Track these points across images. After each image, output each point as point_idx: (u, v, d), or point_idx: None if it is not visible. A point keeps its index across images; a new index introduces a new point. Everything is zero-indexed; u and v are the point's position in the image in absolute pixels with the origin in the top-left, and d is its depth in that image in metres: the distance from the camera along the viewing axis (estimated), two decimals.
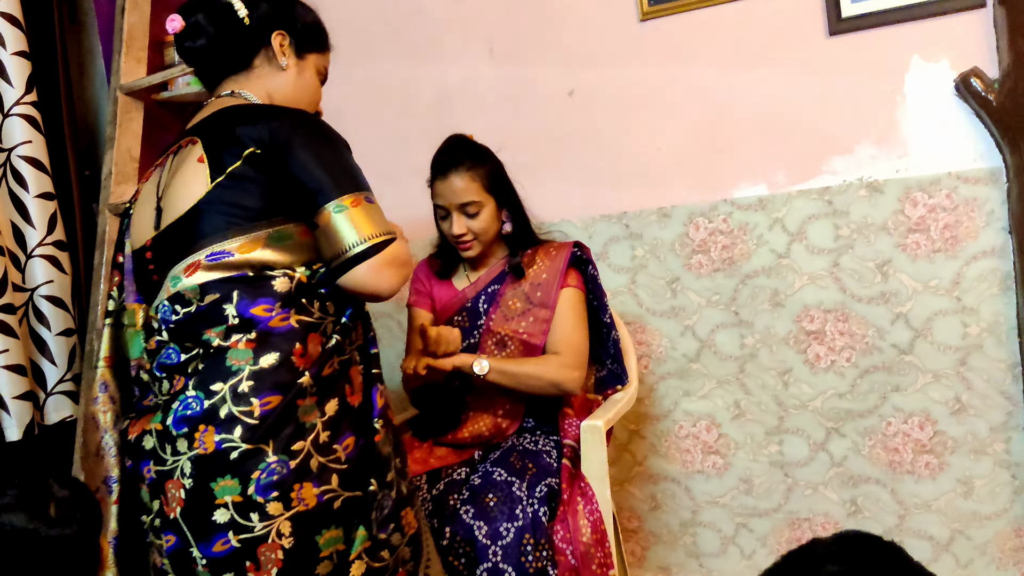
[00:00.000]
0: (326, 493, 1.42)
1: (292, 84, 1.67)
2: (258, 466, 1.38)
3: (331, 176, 1.46)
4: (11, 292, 2.23)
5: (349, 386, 1.51)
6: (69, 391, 2.40)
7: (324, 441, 1.44)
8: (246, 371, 1.40)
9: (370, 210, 1.45)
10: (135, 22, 2.58)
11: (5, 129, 2.30)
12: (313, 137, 1.48)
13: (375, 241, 1.43)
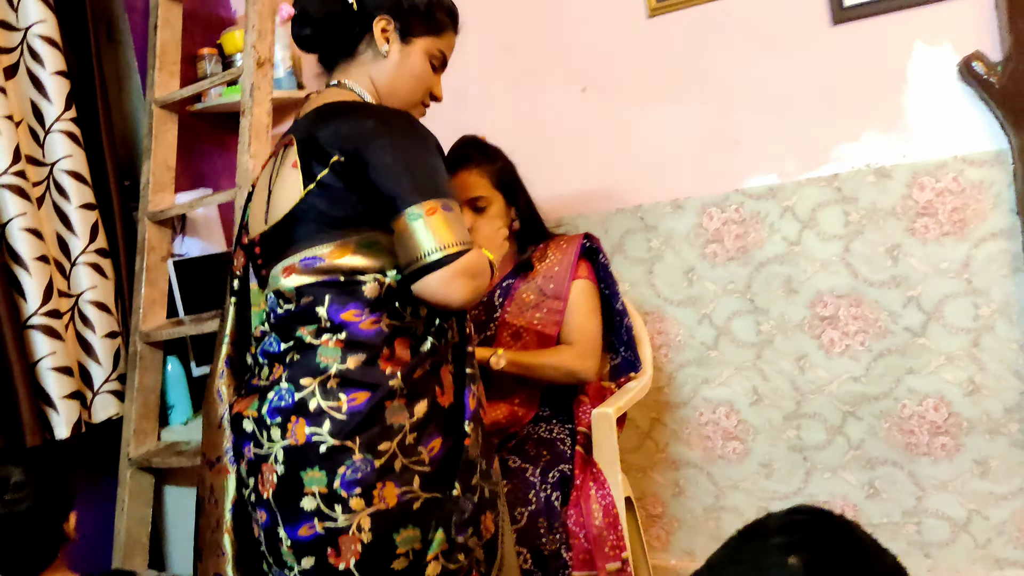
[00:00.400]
0: (407, 494, 1.44)
1: (392, 72, 1.61)
2: (344, 462, 1.42)
3: (409, 181, 1.43)
4: (57, 298, 2.37)
5: (439, 387, 1.52)
6: (115, 390, 2.54)
7: (410, 443, 1.46)
8: (333, 369, 1.45)
9: (447, 218, 1.41)
10: (167, 38, 2.70)
11: (47, 145, 2.44)
12: (392, 140, 1.45)
13: (449, 251, 1.40)
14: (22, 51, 2.41)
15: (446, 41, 1.68)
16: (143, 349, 2.54)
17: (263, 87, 2.43)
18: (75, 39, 2.55)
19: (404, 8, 1.60)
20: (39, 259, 2.32)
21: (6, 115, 2.28)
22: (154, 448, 2.57)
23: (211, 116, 3.00)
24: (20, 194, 2.29)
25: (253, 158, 2.38)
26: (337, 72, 1.64)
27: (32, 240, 2.30)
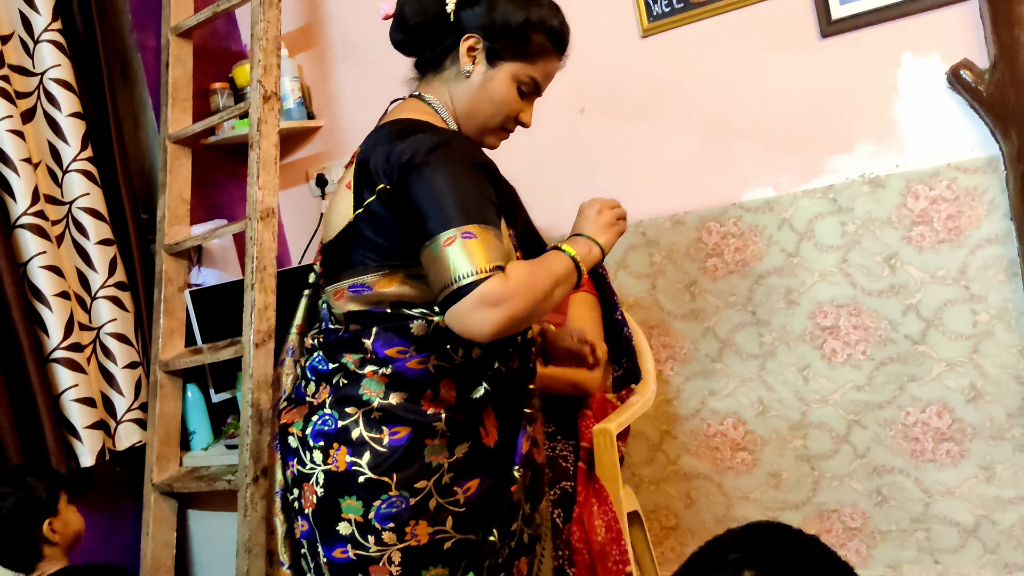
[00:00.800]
0: (439, 533, 1.45)
1: (471, 94, 1.54)
2: (380, 496, 1.43)
3: (445, 206, 1.36)
4: (78, 331, 2.46)
5: (484, 429, 1.51)
6: (137, 419, 2.62)
7: (446, 482, 1.46)
8: (376, 402, 1.45)
9: (468, 246, 1.32)
10: (179, 75, 2.80)
11: (65, 184, 2.54)
12: (435, 168, 1.38)
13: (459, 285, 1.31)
14: (39, 95, 2.50)
15: (541, 68, 1.56)
16: (163, 378, 2.63)
17: (270, 120, 2.50)
18: (90, 80, 2.65)
19: (497, 28, 1.50)
20: (59, 295, 2.40)
21: (24, 158, 2.38)
22: (176, 473, 2.65)
23: (225, 148, 3.09)
24: (40, 233, 2.39)
25: (262, 189, 2.46)
26: (423, 83, 1.61)
27: (52, 277, 2.40)
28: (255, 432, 2.34)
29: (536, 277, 1.37)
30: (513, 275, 1.34)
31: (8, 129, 2.35)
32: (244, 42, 3.24)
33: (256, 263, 2.41)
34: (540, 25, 1.52)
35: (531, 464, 1.55)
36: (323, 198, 3.17)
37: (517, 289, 1.33)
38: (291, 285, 2.95)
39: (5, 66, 2.39)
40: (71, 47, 2.57)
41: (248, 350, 2.37)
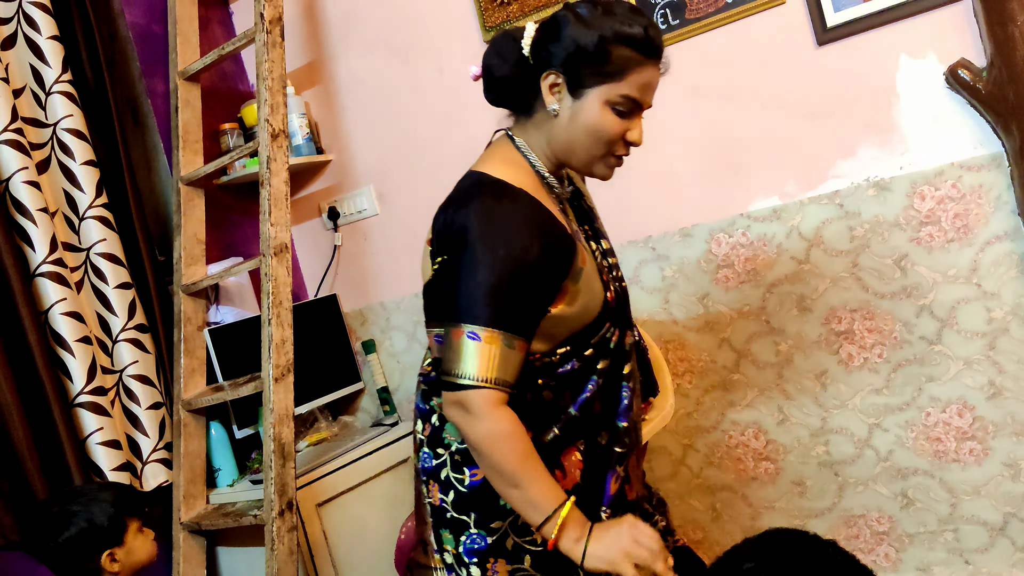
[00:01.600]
0: (518, 571, 1.50)
1: (565, 132, 1.50)
2: (464, 532, 1.53)
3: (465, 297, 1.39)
4: (101, 375, 2.50)
5: (560, 471, 1.52)
6: (163, 459, 2.65)
7: (522, 523, 1.49)
8: (454, 447, 1.54)
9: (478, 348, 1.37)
10: (188, 118, 2.85)
11: (82, 231, 2.58)
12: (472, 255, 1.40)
13: (451, 380, 1.40)
14: (52, 145, 2.56)
15: (632, 81, 1.46)
16: (186, 417, 2.66)
17: (279, 158, 2.55)
18: (101, 128, 2.71)
19: (572, 57, 1.44)
20: (81, 340, 2.45)
21: (41, 207, 2.43)
22: (203, 511, 2.67)
23: (237, 187, 3.14)
24: (59, 281, 2.43)
25: (274, 226, 2.50)
26: (517, 126, 1.59)
27: (74, 323, 2.44)
28: (278, 466, 2.36)
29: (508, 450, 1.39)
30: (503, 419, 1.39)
31: (24, 180, 2.40)
32: (251, 82, 3.29)
33: (272, 298, 2.45)
34: (617, 38, 1.43)
35: (621, 504, 1.55)
36: (335, 231, 3.21)
37: (488, 426, 1.38)
38: (308, 318, 3.00)
39: (19, 119, 2.45)
40: (82, 97, 2.63)
41: (268, 385, 2.40)
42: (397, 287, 3.14)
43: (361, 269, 3.21)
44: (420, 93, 2.94)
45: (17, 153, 2.41)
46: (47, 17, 2.55)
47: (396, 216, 3.09)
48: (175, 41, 2.86)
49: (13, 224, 2.40)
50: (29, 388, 2.36)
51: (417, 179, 3.01)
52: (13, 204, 2.40)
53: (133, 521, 1.94)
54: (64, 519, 1.86)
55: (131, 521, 1.94)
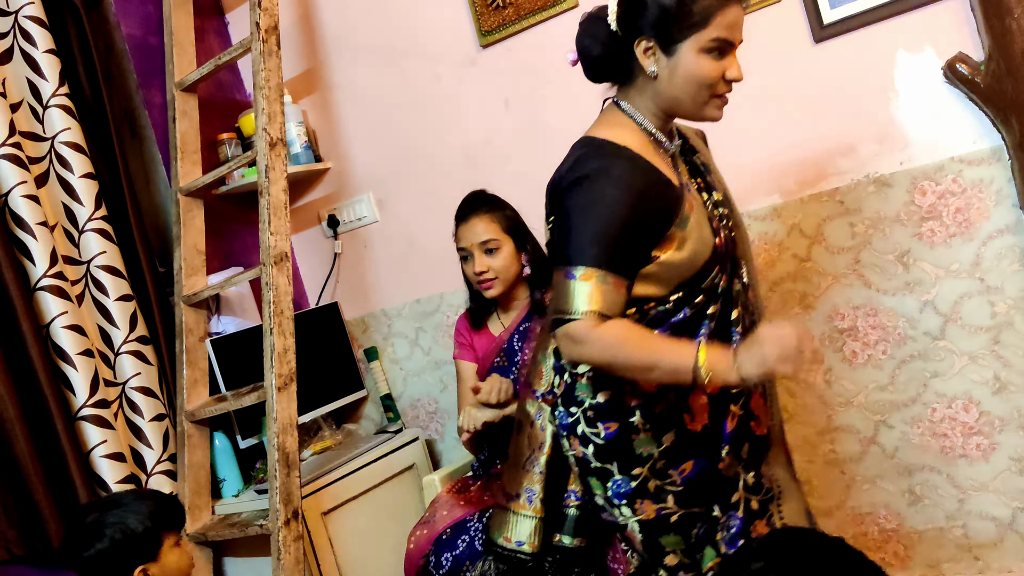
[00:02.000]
0: (663, 510, 1.61)
1: (667, 89, 1.60)
2: (609, 479, 1.64)
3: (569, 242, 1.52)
4: (104, 388, 2.50)
5: (689, 414, 1.62)
6: (167, 470, 2.65)
7: (660, 467, 1.61)
8: (586, 403, 1.63)
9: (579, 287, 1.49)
10: (186, 129, 2.85)
11: (82, 244, 2.58)
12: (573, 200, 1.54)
13: (560, 315, 1.51)
14: (51, 159, 2.56)
15: (718, 24, 1.55)
16: (190, 428, 2.65)
17: (277, 167, 2.54)
18: (99, 140, 2.71)
19: (657, 19, 1.54)
20: (83, 353, 2.45)
21: (40, 221, 2.43)
22: (209, 522, 2.66)
23: (236, 197, 3.14)
24: (60, 294, 2.43)
25: (274, 235, 2.50)
26: (621, 93, 1.69)
27: (75, 337, 2.44)
28: (283, 475, 2.36)
29: (628, 347, 1.50)
30: (607, 330, 1.48)
31: (23, 195, 2.40)
32: (248, 91, 3.29)
33: (273, 308, 2.44)
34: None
35: (746, 438, 1.64)
36: (335, 239, 3.20)
37: (598, 342, 1.48)
38: (309, 327, 2.99)
39: (17, 133, 2.45)
40: (79, 110, 2.63)
41: (271, 394, 2.39)
42: (398, 294, 3.14)
43: (362, 277, 3.21)
44: (418, 99, 2.94)
45: (15, 167, 2.41)
46: (43, 31, 2.55)
47: (396, 223, 3.09)
48: (171, 52, 2.86)
49: (13, 238, 2.40)
50: (32, 402, 2.36)
51: (417, 185, 3.01)
52: (12, 218, 2.40)
53: (170, 536, 1.89)
54: (98, 529, 1.82)
55: (167, 536, 1.88)
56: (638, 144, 1.60)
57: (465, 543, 2.12)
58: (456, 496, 2.31)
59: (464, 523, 2.17)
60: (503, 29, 2.71)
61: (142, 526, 1.83)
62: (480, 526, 2.13)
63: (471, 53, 2.80)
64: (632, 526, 1.64)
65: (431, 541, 2.19)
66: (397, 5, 2.92)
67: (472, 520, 2.16)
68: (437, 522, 2.22)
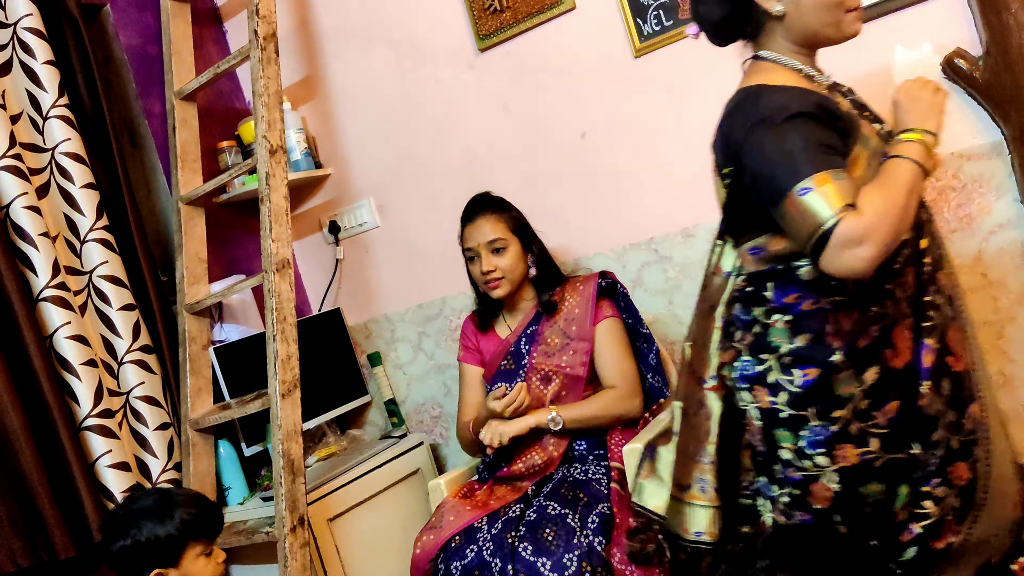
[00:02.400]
0: (867, 454, 1.54)
1: (799, 22, 1.61)
2: (804, 427, 1.57)
3: (777, 170, 1.48)
4: (108, 398, 2.50)
5: (891, 350, 1.56)
6: (173, 479, 2.65)
7: (863, 408, 1.55)
8: (784, 348, 1.58)
9: (815, 196, 1.43)
10: (186, 138, 2.85)
11: (84, 255, 2.58)
12: (756, 138, 1.51)
13: (819, 233, 1.43)
14: (51, 170, 2.56)
15: None
16: (194, 436, 2.65)
17: (277, 174, 2.55)
18: (100, 151, 2.71)
19: None
20: (87, 363, 2.45)
21: (42, 232, 2.43)
22: None
23: (237, 204, 3.14)
24: (63, 305, 2.43)
25: (275, 242, 2.50)
26: (756, 46, 1.70)
27: (79, 347, 2.44)
28: (288, 482, 2.36)
29: (888, 198, 1.45)
30: (866, 206, 1.43)
31: (24, 206, 2.40)
32: (247, 99, 3.30)
33: (276, 314, 2.44)
34: None
35: (944, 374, 1.59)
36: (337, 245, 3.20)
37: (873, 219, 1.42)
38: (312, 333, 2.99)
39: (17, 145, 2.45)
40: (79, 120, 2.64)
41: (275, 401, 2.40)
42: (401, 299, 3.14)
43: (364, 282, 3.21)
44: (417, 104, 2.95)
45: (16, 179, 2.41)
46: (42, 42, 2.55)
47: (397, 228, 3.09)
48: (170, 61, 2.87)
49: (15, 249, 2.40)
50: (36, 413, 2.35)
51: (417, 190, 3.01)
52: (14, 229, 2.40)
53: (197, 545, 1.84)
54: (125, 527, 1.80)
55: (195, 544, 1.83)
56: (793, 81, 1.61)
57: (474, 552, 2.12)
58: (463, 500, 2.31)
59: (473, 531, 2.17)
60: (501, 32, 2.72)
61: (166, 532, 1.79)
62: (490, 535, 2.13)
63: (469, 57, 2.81)
64: (828, 478, 1.55)
65: (438, 546, 2.19)
66: (394, 11, 2.93)
67: (481, 527, 2.16)
68: (444, 528, 2.22)
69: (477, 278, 2.38)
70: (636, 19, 2.50)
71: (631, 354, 2.36)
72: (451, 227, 2.53)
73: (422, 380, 3.15)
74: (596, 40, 2.59)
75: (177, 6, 2.92)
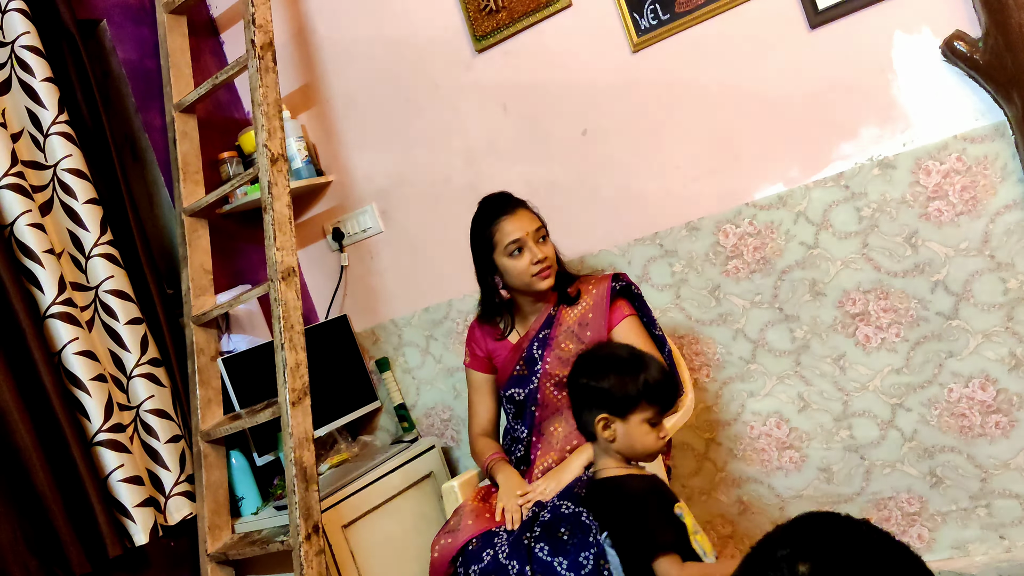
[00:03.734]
0: None
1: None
2: None
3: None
4: (118, 412, 2.50)
5: None
6: (186, 491, 2.65)
7: None
8: None
9: None
10: (187, 149, 2.85)
11: (89, 270, 2.58)
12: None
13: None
14: (54, 187, 2.56)
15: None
16: (206, 448, 2.65)
17: (279, 182, 2.54)
18: (101, 166, 2.71)
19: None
20: (96, 379, 2.44)
21: (47, 249, 2.43)
22: (230, 541, 2.66)
23: (240, 215, 3.14)
24: (70, 321, 2.43)
25: (280, 250, 2.49)
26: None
27: (87, 362, 2.44)
28: (301, 490, 2.35)
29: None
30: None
31: (28, 223, 2.41)
32: (247, 109, 3.30)
33: (283, 323, 2.44)
34: None
35: None
36: (341, 251, 3.20)
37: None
38: (320, 341, 2.99)
39: (19, 163, 2.45)
40: (80, 136, 2.64)
41: (285, 410, 2.39)
42: (407, 303, 3.13)
43: (370, 288, 3.21)
44: (416, 108, 2.94)
45: (19, 197, 2.41)
46: (40, 59, 2.55)
47: (401, 232, 3.09)
48: (168, 74, 2.87)
49: (20, 268, 2.41)
50: (47, 429, 2.35)
51: (419, 193, 3.01)
52: (19, 247, 2.40)
53: (648, 409, 1.83)
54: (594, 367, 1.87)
55: (646, 408, 1.83)
56: None
57: (490, 556, 2.11)
58: (481, 504, 2.30)
59: (491, 535, 2.16)
60: (497, 33, 2.71)
61: (628, 387, 1.82)
62: (506, 538, 2.12)
63: (467, 59, 2.81)
64: None
65: (456, 550, 2.18)
66: (390, 15, 2.93)
67: (500, 534, 2.15)
68: (462, 531, 2.21)
69: (521, 272, 2.27)
70: (633, 14, 2.50)
71: (656, 349, 2.33)
72: (455, 229, 2.52)
73: (431, 384, 3.14)
74: (593, 37, 2.58)
75: (173, 19, 2.92)
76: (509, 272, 2.30)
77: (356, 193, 3.15)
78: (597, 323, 2.31)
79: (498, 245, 2.29)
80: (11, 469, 2.31)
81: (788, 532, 1.04)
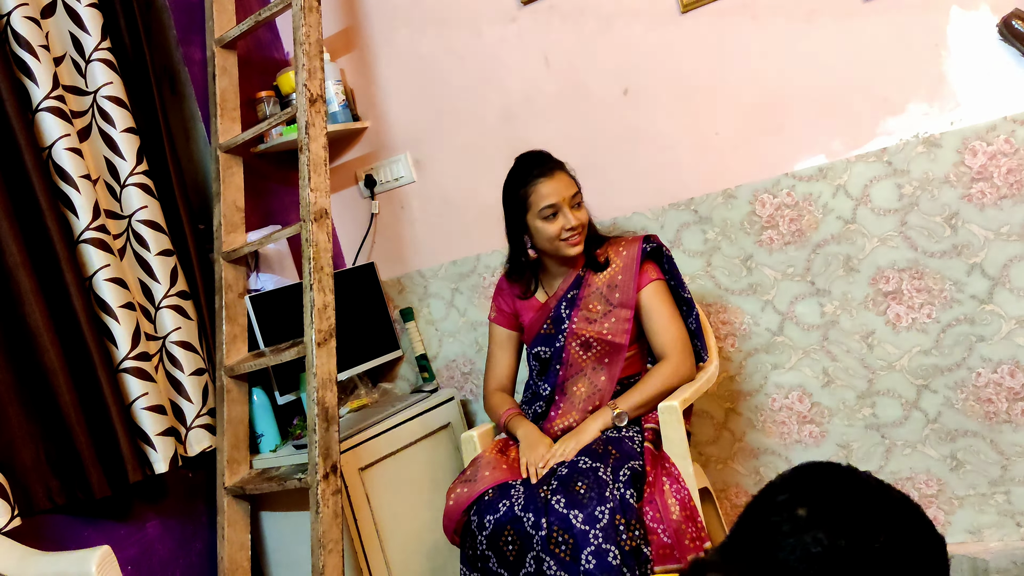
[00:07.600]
0: None
1: None
2: None
3: None
4: (145, 341, 2.51)
5: None
6: (206, 424, 2.67)
7: None
8: None
9: None
10: (226, 86, 2.84)
11: (124, 198, 2.59)
12: None
13: None
14: (93, 113, 2.56)
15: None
16: (229, 383, 2.67)
17: (317, 123, 2.53)
18: (140, 96, 2.70)
19: None
20: (125, 306, 2.46)
21: (83, 174, 2.43)
22: (247, 476, 2.69)
23: (274, 155, 3.14)
24: (103, 247, 2.44)
25: (314, 191, 2.49)
26: None
27: (117, 290, 2.45)
28: (322, 429, 2.37)
29: None
30: None
31: (67, 147, 2.41)
32: (286, 50, 3.28)
33: (313, 264, 2.44)
34: None
35: None
36: (372, 199, 3.20)
37: None
38: (346, 287, 3.00)
39: (60, 87, 2.45)
40: (121, 64, 2.63)
41: (311, 349, 2.40)
42: (435, 255, 3.13)
43: (398, 237, 3.21)
44: (457, 57, 2.92)
45: (59, 120, 2.41)
46: None
47: (433, 183, 3.08)
48: (211, 8, 2.85)
49: (57, 191, 2.41)
50: (75, 354, 2.37)
51: (454, 145, 2.99)
52: (56, 171, 2.41)
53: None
54: None
55: None
56: None
57: (506, 507, 2.12)
58: (499, 456, 2.31)
59: (507, 487, 2.17)
60: None
61: None
62: (522, 490, 2.13)
63: (511, 10, 2.78)
64: None
65: (471, 499, 2.19)
66: None
67: (516, 486, 2.16)
68: (479, 481, 2.22)
69: (551, 236, 2.25)
70: None
71: (679, 316, 2.31)
72: (488, 184, 2.51)
73: (454, 336, 3.15)
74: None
75: None
76: (539, 234, 2.28)
77: (391, 141, 3.13)
78: (626, 285, 2.30)
79: (532, 207, 2.26)
80: (38, 390, 2.33)
81: (789, 479, 1.04)
